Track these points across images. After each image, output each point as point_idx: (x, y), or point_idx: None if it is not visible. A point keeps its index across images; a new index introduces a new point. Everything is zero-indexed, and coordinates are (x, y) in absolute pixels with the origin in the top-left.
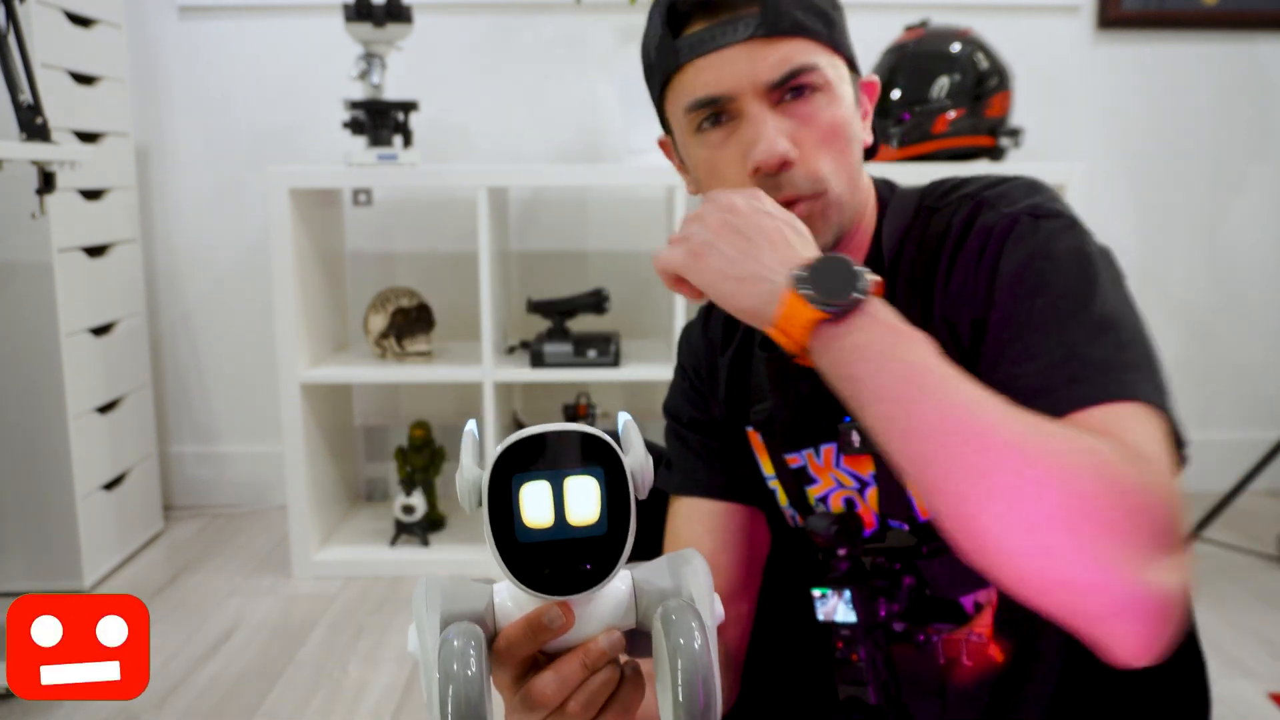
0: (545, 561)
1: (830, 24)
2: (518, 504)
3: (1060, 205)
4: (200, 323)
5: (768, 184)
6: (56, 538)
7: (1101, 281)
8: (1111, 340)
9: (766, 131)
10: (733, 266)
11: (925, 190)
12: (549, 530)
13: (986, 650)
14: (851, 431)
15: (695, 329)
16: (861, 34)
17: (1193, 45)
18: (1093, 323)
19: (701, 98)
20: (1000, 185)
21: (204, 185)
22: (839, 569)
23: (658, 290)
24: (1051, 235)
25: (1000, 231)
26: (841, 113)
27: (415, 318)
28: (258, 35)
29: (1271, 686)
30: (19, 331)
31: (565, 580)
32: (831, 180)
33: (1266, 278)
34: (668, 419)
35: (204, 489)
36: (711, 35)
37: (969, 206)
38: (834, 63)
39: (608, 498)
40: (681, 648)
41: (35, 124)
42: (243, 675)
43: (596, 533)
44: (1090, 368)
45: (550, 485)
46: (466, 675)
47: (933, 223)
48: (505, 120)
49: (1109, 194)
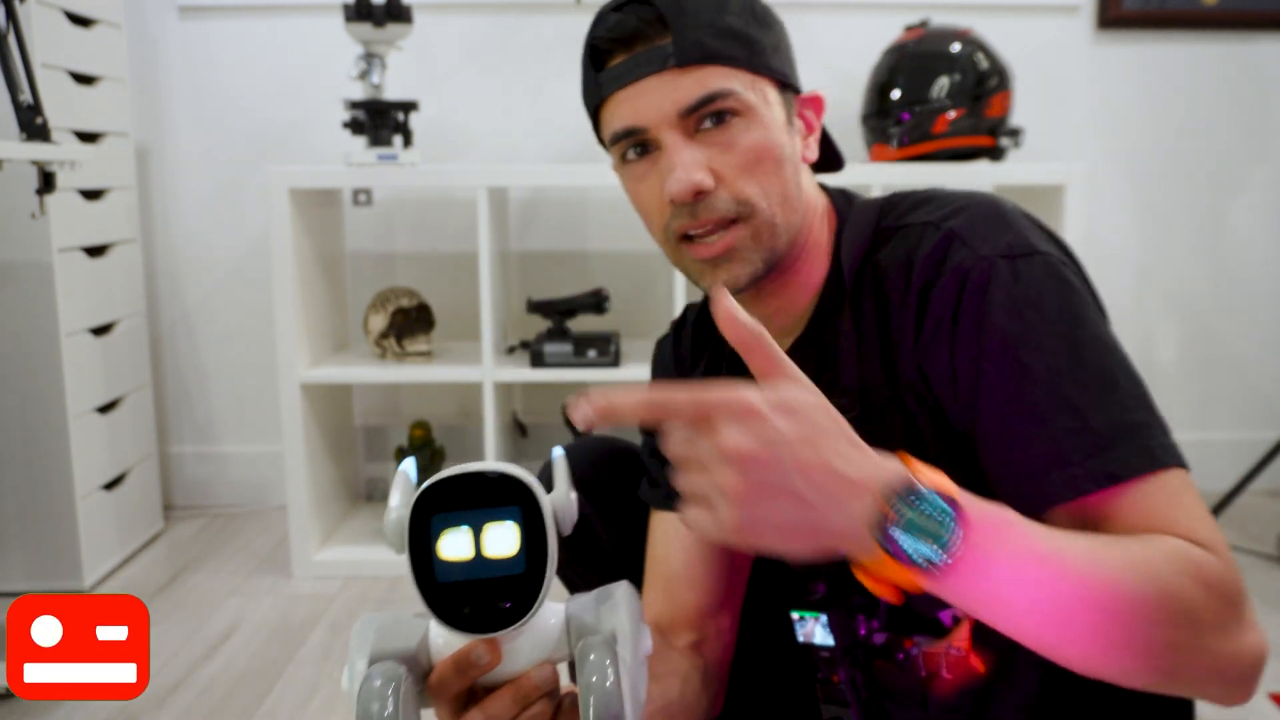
0: (466, 600)
1: (751, 47)
2: (436, 543)
3: (1032, 236)
4: (200, 323)
5: (686, 213)
6: (56, 538)
7: (1090, 331)
8: (1115, 401)
9: (680, 160)
10: (795, 526)
11: (884, 206)
12: (468, 568)
13: (967, 662)
14: None
15: (666, 346)
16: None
17: (1193, 45)
18: (1093, 382)
19: (619, 130)
20: (965, 211)
21: (204, 185)
22: (816, 592)
23: (658, 290)
24: (1033, 284)
25: (978, 280)
26: (766, 135)
27: (415, 318)
28: (258, 35)
29: (1271, 687)
30: (19, 331)
31: (486, 618)
32: (760, 201)
33: (1266, 278)
34: (643, 434)
35: (204, 489)
36: (628, 69)
37: (937, 239)
38: (756, 85)
39: (526, 536)
40: (593, 686)
41: (35, 124)
42: (243, 675)
43: (515, 570)
44: (1106, 439)
45: (469, 525)
46: (383, 716)
47: (894, 245)
48: (505, 120)
49: (1109, 194)
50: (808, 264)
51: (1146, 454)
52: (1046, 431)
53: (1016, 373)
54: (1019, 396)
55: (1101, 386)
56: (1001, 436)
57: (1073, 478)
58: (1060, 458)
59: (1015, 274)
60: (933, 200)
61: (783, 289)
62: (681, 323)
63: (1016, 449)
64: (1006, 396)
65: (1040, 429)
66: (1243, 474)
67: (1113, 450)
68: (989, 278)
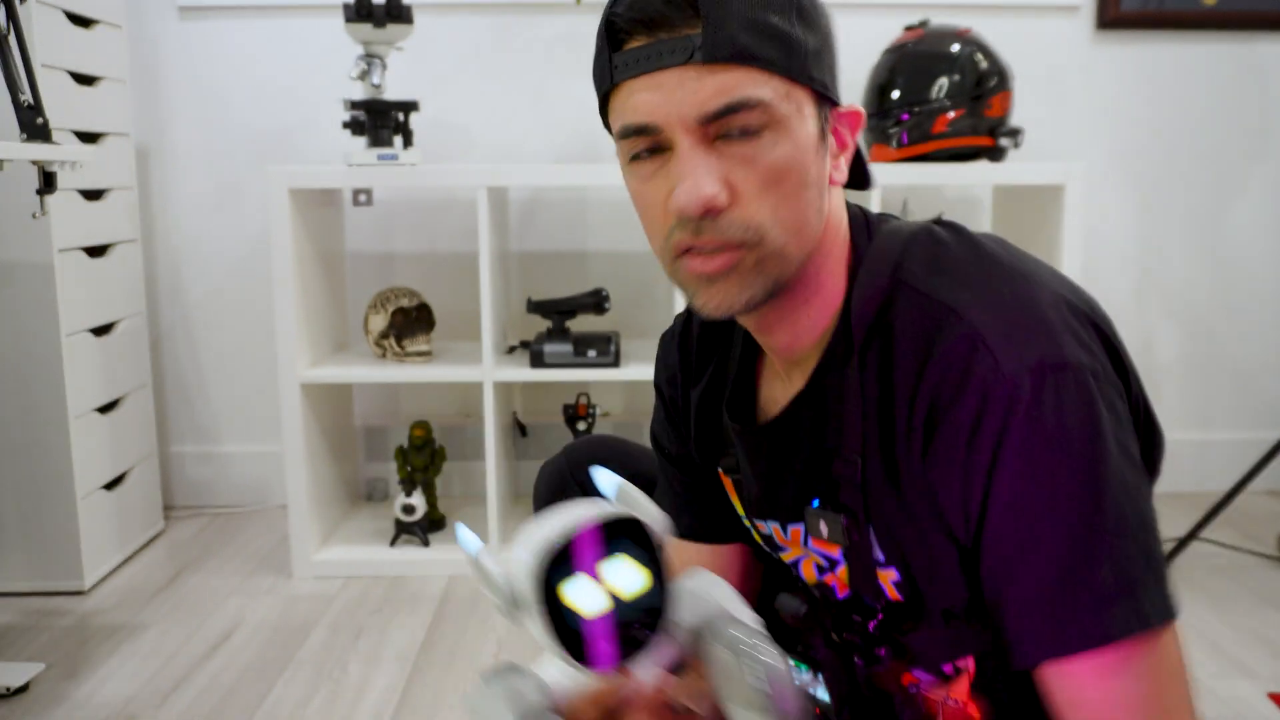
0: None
1: (791, 50)
2: (567, 602)
3: (1065, 338)
4: (200, 323)
5: (691, 228)
6: (56, 538)
7: (1110, 467)
8: (1122, 553)
9: (693, 171)
10: None
11: (901, 255)
12: (612, 613)
13: (965, 711)
14: (819, 520)
15: (671, 347)
16: (861, 34)
17: (1193, 45)
18: (1104, 535)
19: (629, 125)
20: (994, 302)
21: (204, 185)
22: (812, 648)
23: (658, 290)
24: (1058, 415)
25: (998, 407)
26: (791, 153)
27: (415, 318)
28: (258, 35)
29: (1271, 686)
30: (19, 331)
31: (628, 652)
32: (770, 230)
33: (1266, 278)
34: (654, 448)
35: (204, 489)
36: (647, 55)
37: (957, 338)
38: (791, 95)
39: (648, 566)
40: (760, 662)
41: (36, 124)
42: (243, 675)
43: (649, 603)
44: (1105, 597)
45: (594, 577)
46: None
47: (911, 315)
48: (505, 120)
49: (1109, 194)
50: (818, 299)
51: (1138, 615)
52: (1048, 582)
53: (1027, 522)
54: (1027, 546)
55: (1112, 536)
56: (1003, 577)
57: (1064, 637)
58: (1057, 614)
59: (1040, 402)
60: (959, 272)
61: (788, 322)
62: (687, 322)
63: (1016, 593)
64: (1015, 544)
65: (1044, 578)
66: (1243, 474)
67: (1111, 609)
68: (1010, 404)
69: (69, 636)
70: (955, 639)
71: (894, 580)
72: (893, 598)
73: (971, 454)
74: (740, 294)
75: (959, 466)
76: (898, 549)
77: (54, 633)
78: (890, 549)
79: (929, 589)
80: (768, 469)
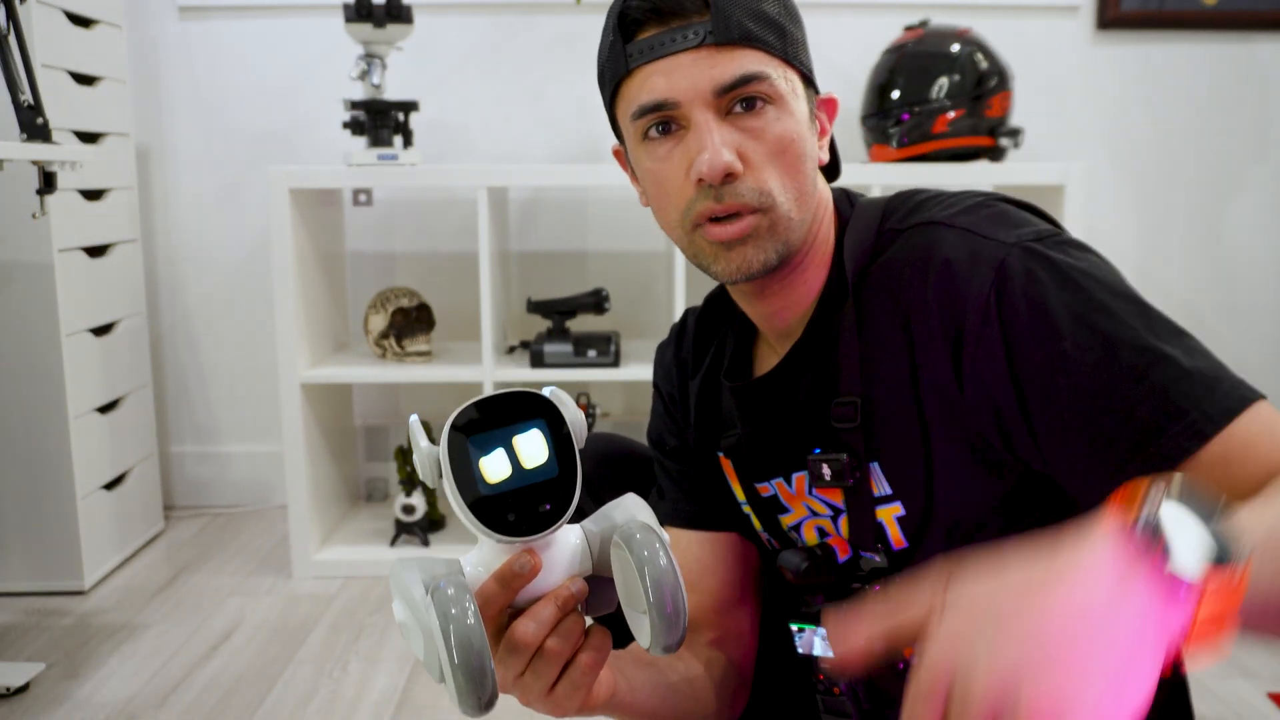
0: (509, 509)
1: (785, 37)
2: (477, 464)
3: (1044, 224)
4: (200, 323)
5: (712, 195)
6: (57, 538)
7: (1134, 290)
8: (1193, 347)
9: (712, 141)
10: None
11: (887, 209)
12: (509, 480)
13: None
14: (822, 464)
15: (668, 351)
16: (861, 34)
17: (1193, 45)
18: (1168, 332)
19: (647, 103)
20: (975, 209)
21: (204, 185)
22: (815, 604)
23: (658, 290)
24: (1072, 256)
25: (1017, 268)
26: (793, 127)
27: (415, 318)
28: (258, 35)
29: (1271, 686)
30: (19, 331)
31: (530, 521)
32: (779, 196)
33: (1266, 278)
34: (652, 448)
35: (204, 489)
36: (661, 41)
37: (955, 238)
38: (787, 76)
39: (554, 444)
40: (646, 561)
41: (36, 124)
42: (243, 675)
43: (549, 475)
44: (1205, 383)
45: (501, 443)
46: (465, 610)
47: (903, 246)
48: (505, 120)
49: (1109, 194)
50: (812, 265)
51: (1239, 389)
52: (1149, 388)
53: (1098, 339)
54: (1109, 361)
55: (1177, 334)
56: (1098, 406)
57: (1192, 424)
58: (1174, 410)
59: (1053, 253)
60: (936, 201)
61: (787, 288)
62: (681, 328)
63: (1119, 413)
64: (1095, 364)
65: (1143, 386)
66: None
67: (1216, 390)
68: (1027, 263)
69: (69, 636)
70: None
71: (898, 516)
72: (896, 542)
73: (1010, 317)
74: (758, 255)
75: (996, 333)
76: (909, 476)
77: (54, 633)
78: (899, 479)
79: (940, 513)
80: (768, 424)
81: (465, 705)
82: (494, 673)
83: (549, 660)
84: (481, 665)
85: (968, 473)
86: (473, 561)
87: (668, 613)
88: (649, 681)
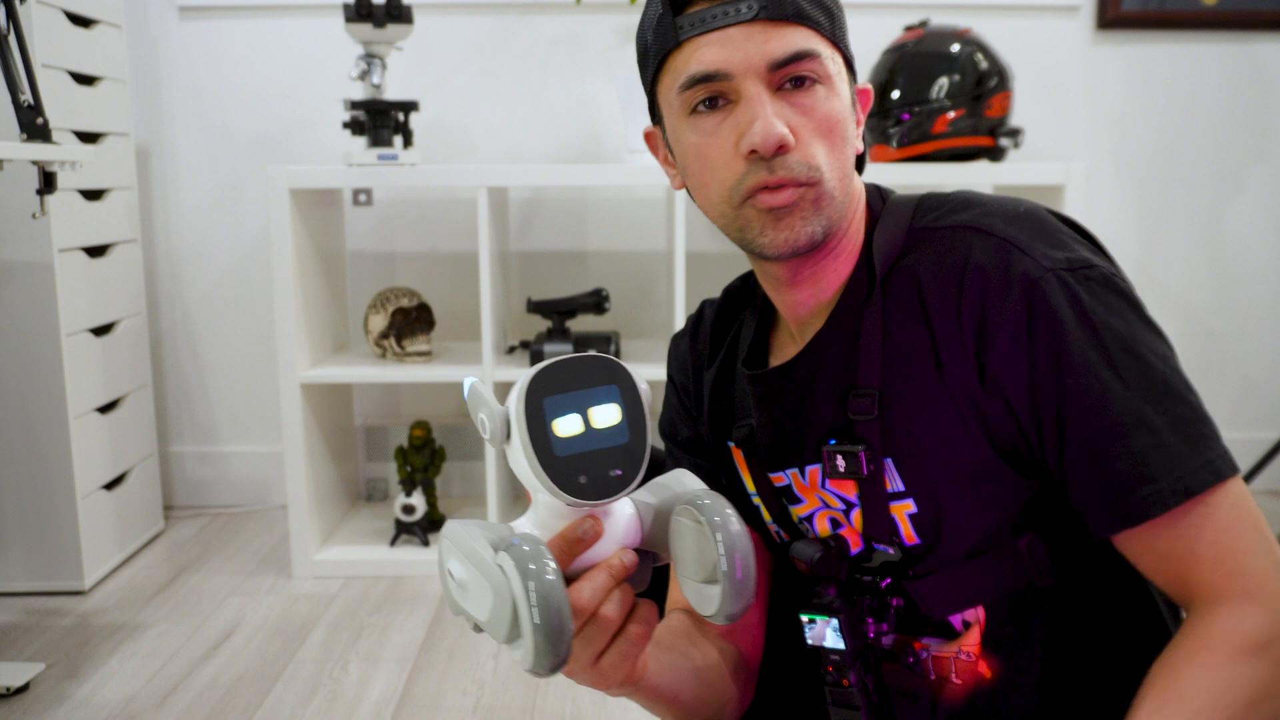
0: (581, 471)
1: (833, 20)
2: (550, 425)
3: (1083, 249)
4: (200, 323)
5: (764, 168)
6: (57, 538)
7: (1149, 345)
8: (1180, 416)
9: (765, 112)
10: None
11: (918, 207)
12: (581, 441)
13: (976, 667)
14: (836, 455)
15: (683, 341)
16: (861, 34)
17: (1193, 45)
18: (1162, 398)
19: (697, 73)
20: (1015, 221)
21: (204, 185)
22: (826, 595)
23: (658, 290)
24: (1099, 300)
25: (1047, 293)
26: (839, 108)
27: (415, 318)
28: (258, 35)
29: None
30: (19, 331)
31: (600, 485)
32: (826, 172)
33: (1266, 278)
34: (665, 440)
35: (204, 489)
36: (714, 14)
37: (992, 246)
38: (834, 57)
39: (626, 410)
40: (719, 524)
41: (36, 124)
42: (243, 675)
43: (621, 440)
44: (1178, 456)
45: (576, 406)
46: (545, 566)
47: (935, 247)
48: (505, 120)
49: (1109, 194)
50: (843, 254)
51: (1211, 468)
52: (1129, 449)
53: (1098, 391)
54: (1102, 415)
55: (1169, 401)
56: (1085, 455)
57: (1158, 493)
58: (1145, 475)
59: (1081, 290)
60: (973, 205)
61: (817, 275)
62: (698, 318)
63: (1101, 467)
64: (1091, 415)
65: (1123, 448)
66: (1243, 474)
67: (1186, 464)
68: (1057, 291)
69: (69, 636)
70: (968, 581)
71: (910, 513)
72: (907, 538)
73: (1033, 339)
74: (804, 228)
75: (1023, 350)
76: (923, 473)
77: (54, 633)
78: (912, 476)
79: (953, 512)
80: (784, 413)
81: (540, 663)
82: (571, 631)
83: (601, 628)
84: (561, 624)
85: (983, 475)
86: (526, 525)
87: (738, 578)
88: (674, 665)
